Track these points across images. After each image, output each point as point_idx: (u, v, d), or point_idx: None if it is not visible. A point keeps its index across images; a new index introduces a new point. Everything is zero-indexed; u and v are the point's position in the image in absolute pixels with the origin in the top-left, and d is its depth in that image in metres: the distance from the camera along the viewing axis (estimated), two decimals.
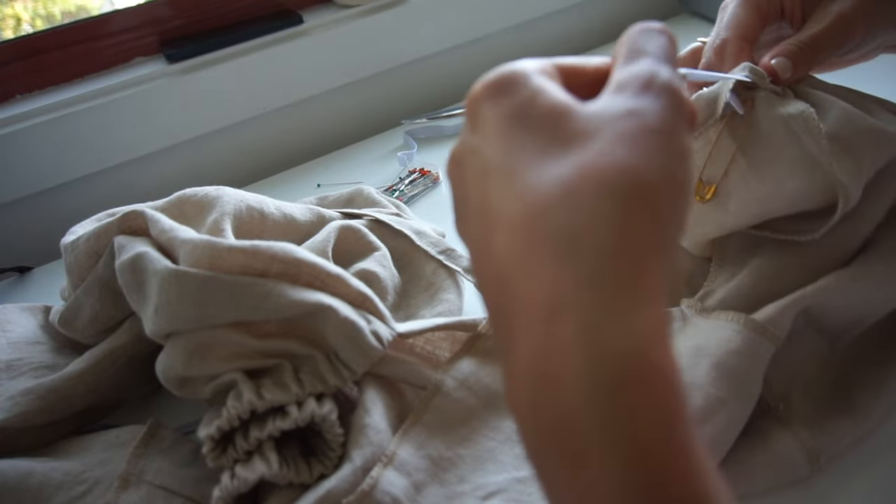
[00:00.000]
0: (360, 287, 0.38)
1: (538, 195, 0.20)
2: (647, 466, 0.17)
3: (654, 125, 0.20)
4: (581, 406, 0.18)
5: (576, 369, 0.18)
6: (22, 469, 0.38)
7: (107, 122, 0.68)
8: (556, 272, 0.19)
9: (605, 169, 0.19)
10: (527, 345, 0.19)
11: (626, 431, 0.17)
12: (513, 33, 0.89)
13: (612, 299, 0.18)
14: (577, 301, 0.18)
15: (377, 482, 0.34)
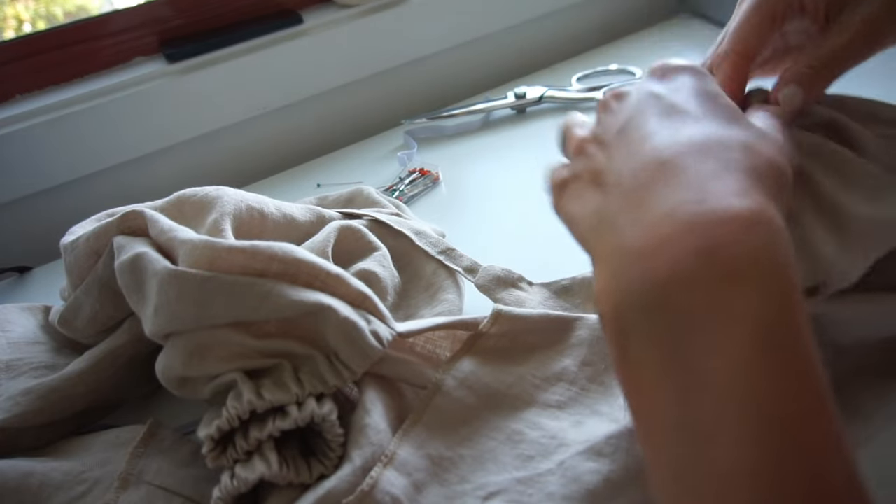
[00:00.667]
0: (359, 287, 0.38)
1: (723, 135, 0.26)
2: (796, 298, 0.22)
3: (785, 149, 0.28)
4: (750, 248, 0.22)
5: (747, 223, 0.23)
6: (22, 469, 0.38)
7: (107, 122, 0.68)
8: (731, 176, 0.24)
9: (773, 155, 0.27)
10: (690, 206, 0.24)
11: (784, 270, 0.23)
12: (513, 33, 0.89)
13: (772, 201, 0.24)
14: (749, 191, 0.24)
15: (377, 482, 0.34)
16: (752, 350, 0.21)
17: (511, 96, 0.78)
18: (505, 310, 0.41)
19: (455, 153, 0.72)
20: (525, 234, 0.58)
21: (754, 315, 0.21)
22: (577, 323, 0.42)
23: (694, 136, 0.26)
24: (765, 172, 0.25)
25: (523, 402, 0.39)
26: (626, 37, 0.90)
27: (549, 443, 0.36)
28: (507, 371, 0.40)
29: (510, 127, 0.76)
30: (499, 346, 0.41)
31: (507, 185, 0.66)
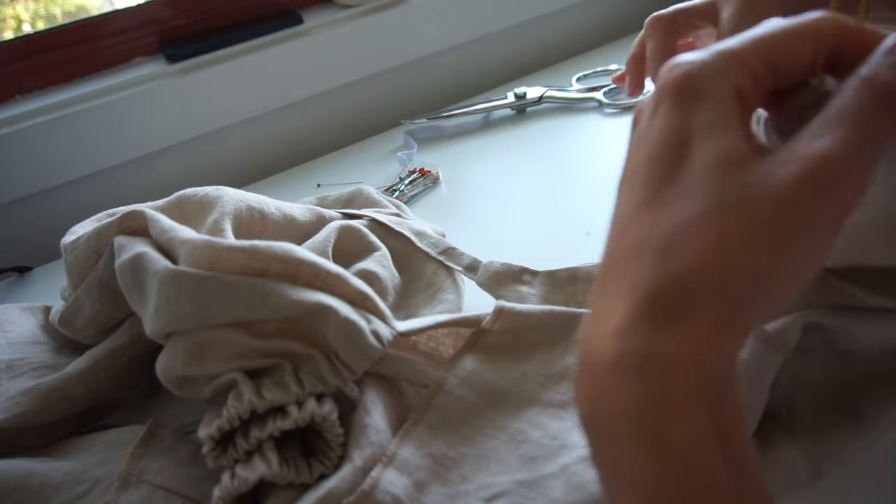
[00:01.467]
0: (360, 286, 0.38)
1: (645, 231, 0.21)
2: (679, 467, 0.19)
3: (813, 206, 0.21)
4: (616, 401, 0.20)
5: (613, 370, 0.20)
6: (22, 469, 0.38)
7: (107, 122, 0.68)
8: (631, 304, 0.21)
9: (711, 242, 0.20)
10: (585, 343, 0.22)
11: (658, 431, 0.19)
12: (513, 33, 0.89)
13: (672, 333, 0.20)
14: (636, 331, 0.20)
15: (377, 482, 0.34)
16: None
17: (511, 96, 0.78)
18: (507, 306, 0.41)
19: (455, 153, 0.72)
20: (525, 233, 0.58)
21: (629, 473, 0.19)
22: (581, 319, 0.41)
23: (619, 239, 0.23)
24: (683, 282, 0.20)
25: (526, 401, 0.38)
26: (626, 37, 0.90)
27: (552, 444, 0.36)
28: (510, 368, 0.40)
29: (510, 127, 0.76)
30: (502, 342, 0.40)
31: (507, 185, 0.66)
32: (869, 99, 0.20)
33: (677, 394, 0.19)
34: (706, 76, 0.22)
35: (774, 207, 0.19)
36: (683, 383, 0.19)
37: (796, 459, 0.34)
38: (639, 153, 0.23)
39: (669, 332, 0.19)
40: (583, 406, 0.21)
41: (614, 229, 0.23)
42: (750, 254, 0.20)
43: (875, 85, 0.20)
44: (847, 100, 0.20)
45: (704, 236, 0.20)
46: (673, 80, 0.22)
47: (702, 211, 0.20)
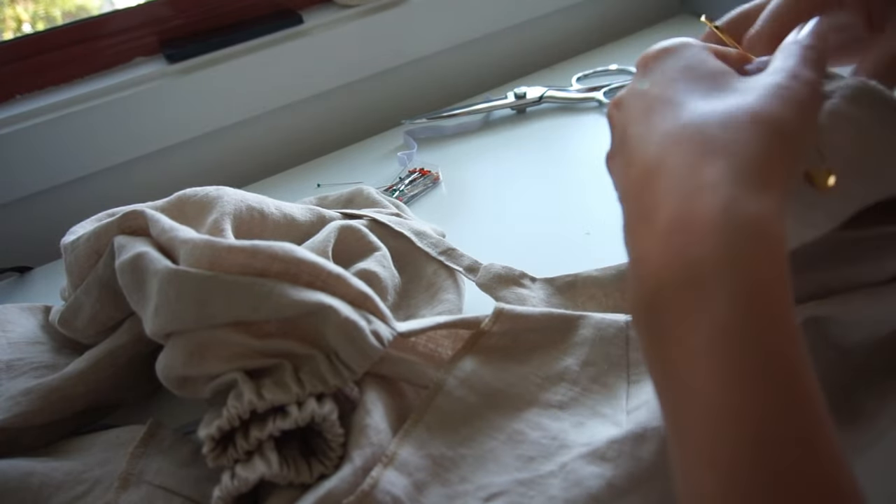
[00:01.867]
0: (360, 287, 0.38)
1: (699, 116, 0.26)
2: (761, 295, 0.21)
3: (799, 98, 0.26)
4: (714, 249, 0.22)
5: (714, 224, 0.22)
6: (22, 469, 0.38)
7: (107, 122, 0.68)
8: (707, 164, 0.24)
9: (761, 111, 0.25)
10: (669, 211, 0.24)
11: (748, 268, 0.22)
12: (513, 33, 0.89)
13: (749, 185, 0.23)
14: (721, 182, 0.23)
15: (377, 482, 0.34)
16: (709, 355, 0.21)
17: (511, 96, 0.78)
18: (507, 308, 0.41)
19: (455, 153, 0.73)
20: (525, 233, 0.58)
21: (711, 321, 0.21)
22: (579, 321, 0.41)
23: (670, 129, 0.26)
24: (747, 141, 0.24)
25: (525, 402, 0.38)
26: (626, 37, 0.90)
27: (550, 444, 0.36)
28: (509, 370, 0.40)
29: (510, 127, 0.76)
30: (500, 344, 0.40)
31: (507, 185, 0.66)
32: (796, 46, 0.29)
33: (766, 241, 0.22)
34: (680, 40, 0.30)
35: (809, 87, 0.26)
36: (770, 232, 0.22)
37: None
38: (658, 86, 0.28)
39: (756, 188, 0.23)
40: (663, 261, 0.23)
41: (648, 137, 0.27)
42: (794, 134, 0.25)
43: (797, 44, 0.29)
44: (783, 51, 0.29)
45: (768, 108, 0.25)
46: (656, 49, 0.30)
47: (745, 104, 0.25)
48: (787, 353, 0.21)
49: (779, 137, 0.25)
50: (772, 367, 0.21)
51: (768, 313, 0.21)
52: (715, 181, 0.23)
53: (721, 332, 0.21)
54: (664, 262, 0.23)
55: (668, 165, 0.25)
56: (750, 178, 0.23)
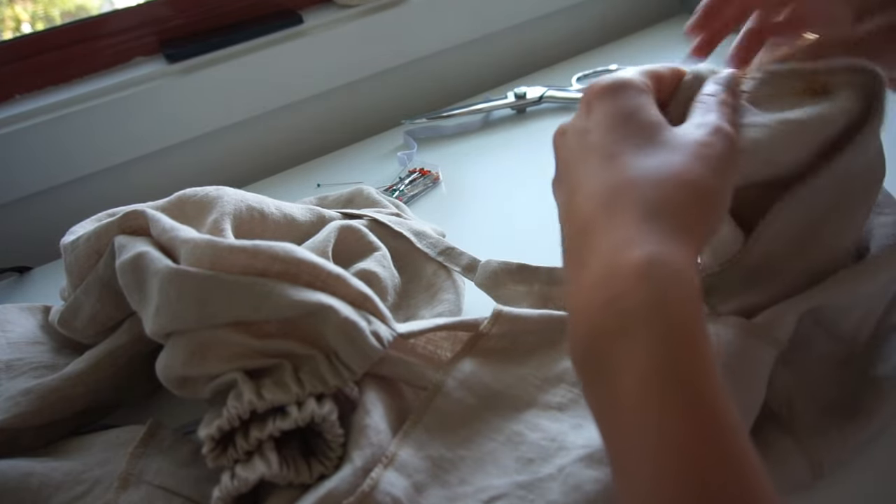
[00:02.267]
0: (360, 287, 0.38)
1: (632, 174, 0.28)
2: (684, 335, 0.24)
3: (720, 155, 0.29)
4: (638, 296, 0.24)
5: (639, 274, 0.25)
6: (22, 469, 0.38)
7: (107, 122, 0.68)
8: (637, 223, 0.26)
9: (686, 173, 0.28)
10: (601, 264, 0.26)
11: (671, 310, 0.24)
12: (513, 33, 0.89)
13: (672, 245, 0.26)
14: (646, 241, 0.25)
15: (377, 483, 0.34)
16: (641, 394, 0.23)
17: (511, 96, 0.78)
18: (505, 310, 0.41)
19: (455, 153, 0.73)
20: (525, 233, 0.58)
21: (641, 364, 0.23)
22: None
23: (605, 184, 0.28)
24: (673, 200, 0.27)
25: (524, 403, 0.38)
26: (626, 37, 0.90)
27: (549, 445, 0.36)
28: (508, 372, 0.40)
29: (510, 127, 0.76)
30: (499, 346, 0.40)
31: (507, 185, 0.66)
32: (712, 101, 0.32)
33: (691, 289, 0.25)
34: (626, 78, 0.31)
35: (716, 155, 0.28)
36: (692, 279, 0.25)
37: (797, 459, 0.34)
38: (583, 141, 0.31)
39: (680, 240, 0.26)
40: (594, 313, 0.25)
41: (581, 187, 0.29)
42: (715, 184, 0.28)
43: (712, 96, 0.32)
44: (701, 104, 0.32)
45: (688, 171, 0.27)
46: (602, 85, 0.31)
47: (675, 159, 0.28)
48: (709, 385, 0.23)
49: (701, 197, 0.28)
50: (698, 400, 0.23)
51: (691, 352, 0.24)
52: (642, 239, 0.26)
53: (652, 373, 0.23)
54: (596, 311, 0.25)
55: (601, 222, 0.27)
56: (674, 233, 0.26)
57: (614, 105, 0.30)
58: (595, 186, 0.29)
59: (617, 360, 0.24)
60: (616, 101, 0.31)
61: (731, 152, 0.30)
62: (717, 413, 0.23)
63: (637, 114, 0.30)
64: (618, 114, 0.30)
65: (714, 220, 0.29)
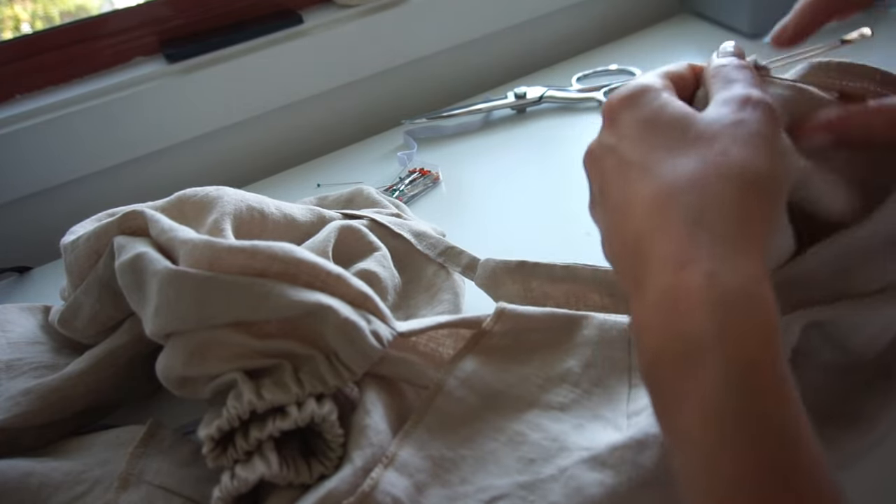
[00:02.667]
0: (360, 287, 0.38)
1: (670, 181, 0.26)
2: (750, 366, 0.22)
3: (758, 130, 0.26)
4: (701, 323, 0.23)
5: (700, 298, 0.23)
6: (22, 469, 0.38)
7: (107, 122, 0.68)
8: (687, 235, 0.24)
9: (725, 163, 0.25)
10: (659, 285, 0.25)
11: (736, 340, 0.23)
12: (513, 33, 0.89)
13: (729, 255, 0.24)
14: (702, 255, 0.24)
15: (377, 483, 0.34)
16: (703, 427, 0.22)
17: (511, 96, 0.78)
18: (508, 307, 0.41)
19: (455, 153, 0.72)
20: (525, 233, 0.58)
21: (703, 394, 0.22)
22: (583, 322, 0.41)
23: (645, 200, 0.27)
24: (718, 201, 0.25)
25: (525, 403, 0.38)
26: (626, 37, 0.90)
27: (551, 445, 0.36)
28: (510, 371, 0.40)
29: (510, 127, 0.76)
30: (502, 344, 0.40)
31: (507, 185, 0.66)
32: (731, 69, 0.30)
33: (755, 311, 0.23)
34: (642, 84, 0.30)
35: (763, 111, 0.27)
36: (757, 300, 0.23)
37: None
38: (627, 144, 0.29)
39: (737, 250, 0.24)
40: (656, 332, 0.24)
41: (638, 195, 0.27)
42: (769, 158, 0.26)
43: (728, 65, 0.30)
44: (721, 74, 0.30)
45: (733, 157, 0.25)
46: (619, 97, 0.30)
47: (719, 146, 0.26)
48: (777, 421, 0.22)
49: (750, 187, 0.25)
50: (762, 437, 0.21)
51: (758, 386, 0.22)
52: (695, 254, 0.24)
53: (713, 406, 0.22)
54: (659, 333, 0.24)
55: (649, 239, 0.26)
56: (729, 243, 0.24)
57: (638, 113, 0.29)
58: (637, 203, 0.27)
59: (680, 385, 0.23)
60: (638, 109, 0.29)
61: (771, 121, 0.27)
62: (786, 449, 0.21)
63: (661, 115, 0.28)
64: (643, 120, 0.29)
65: (772, 209, 0.26)
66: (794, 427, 0.22)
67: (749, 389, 0.22)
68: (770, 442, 0.21)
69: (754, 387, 0.22)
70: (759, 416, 0.22)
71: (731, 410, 0.22)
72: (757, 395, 0.22)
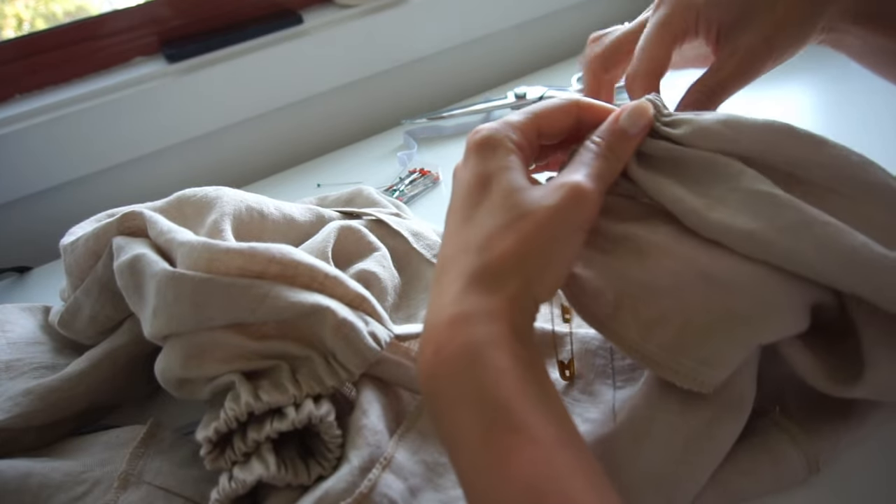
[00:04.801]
0: (357, 288, 0.38)
1: (471, 239, 0.31)
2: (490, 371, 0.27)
3: (563, 219, 0.31)
4: (452, 345, 0.28)
5: (448, 326, 0.29)
6: (22, 469, 0.38)
7: (107, 122, 0.68)
8: (458, 288, 0.30)
9: (515, 243, 0.30)
10: (428, 320, 0.30)
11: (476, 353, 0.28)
12: (513, 33, 0.89)
13: (480, 300, 0.29)
14: (458, 301, 0.29)
15: (375, 484, 0.34)
16: (462, 426, 0.27)
17: (511, 96, 0.78)
18: None
19: (455, 153, 0.72)
20: None
21: (460, 400, 0.27)
22: (564, 339, 0.42)
23: (451, 247, 0.32)
24: (496, 266, 0.29)
25: None
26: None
27: None
28: None
29: None
30: None
31: None
32: (592, 152, 0.33)
33: (495, 334, 0.28)
34: (497, 137, 0.33)
35: (549, 215, 0.30)
36: (499, 328, 0.28)
37: (792, 455, 0.34)
38: (458, 192, 0.33)
39: (489, 297, 0.29)
40: (427, 363, 0.29)
41: (444, 244, 0.32)
42: (536, 245, 0.30)
43: (595, 145, 0.33)
44: (582, 154, 0.33)
45: (507, 237, 0.30)
46: (476, 140, 0.33)
47: (504, 221, 0.30)
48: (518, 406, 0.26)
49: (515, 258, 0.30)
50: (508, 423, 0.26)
51: (495, 381, 0.27)
52: (457, 297, 0.29)
53: (468, 404, 0.27)
54: (428, 360, 0.29)
55: (438, 281, 0.31)
56: (485, 292, 0.29)
57: (479, 167, 0.32)
58: (447, 245, 0.32)
59: (444, 401, 0.28)
60: (481, 164, 0.32)
61: (578, 211, 0.31)
62: (542, 428, 0.26)
63: (496, 179, 0.32)
64: (480, 176, 0.32)
65: (547, 281, 0.31)
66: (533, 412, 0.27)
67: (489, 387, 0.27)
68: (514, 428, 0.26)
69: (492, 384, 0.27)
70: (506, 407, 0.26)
71: (481, 404, 0.27)
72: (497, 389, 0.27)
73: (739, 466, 0.34)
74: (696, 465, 0.32)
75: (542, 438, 0.26)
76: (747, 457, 0.34)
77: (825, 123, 0.66)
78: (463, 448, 0.27)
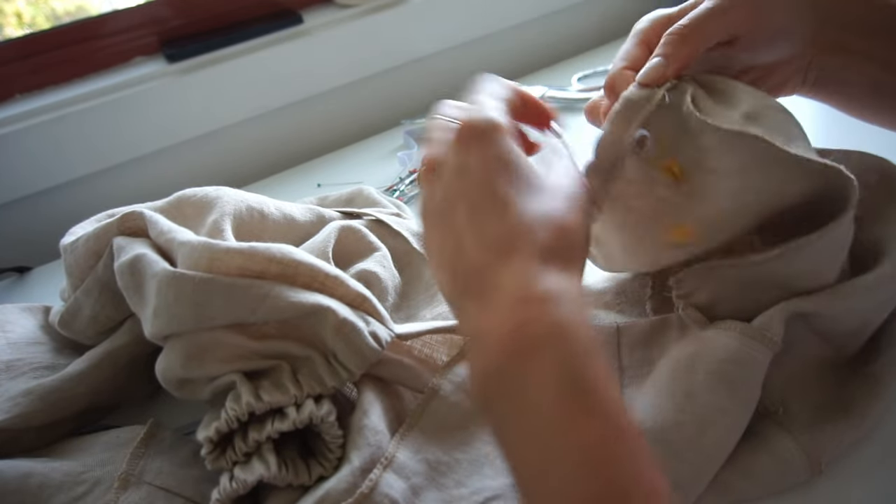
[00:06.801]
0: (358, 288, 0.38)
1: (526, 219, 0.31)
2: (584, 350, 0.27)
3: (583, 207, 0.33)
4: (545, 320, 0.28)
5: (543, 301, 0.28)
6: (22, 469, 0.38)
7: (107, 122, 0.68)
8: (535, 263, 0.29)
9: (565, 220, 0.31)
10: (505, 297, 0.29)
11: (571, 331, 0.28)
12: (513, 33, 0.89)
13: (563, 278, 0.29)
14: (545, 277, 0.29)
15: (376, 484, 0.34)
16: (550, 405, 0.26)
17: None
18: None
19: None
20: None
21: (553, 378, 0.27)
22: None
23: (501, 230, 0.31)
24: (560, 243, 0.30)
25: None
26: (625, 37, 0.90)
27: None
28: None
29: None
30: None
31: None
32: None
33: (579, 312, 0.28)
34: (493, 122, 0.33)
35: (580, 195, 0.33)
36: (579, 306, 0.29)
37: (795, 456, 0.34)
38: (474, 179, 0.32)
39: (568, 275, 0.30)
40: (505, 338, 0.28)
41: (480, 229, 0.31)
42: (585, 222, 0.32)
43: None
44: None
45: (567, 216, 0.31)
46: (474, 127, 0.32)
47: (555, 201, 0.31)
48: (609, 392, 0.27)
49: (577, 240, 0.32)
50: (600, 405, 0.26)
51: (593, 366, 0.27)
52: (542, 274, 0.29)
53: (562, 385, 0.26)
54: (506, 336, 0.28)
55: (502, 262, 0.30)
56: (564, 269, 0.30)
57: (492, 150, 0.32)
58: (491, 231, 0.31)
59: (528, 377, 0.27)
60: (493, 147, 0.32)
61: (589, 202, 0.34)
62: (618, 415, 0.26)
63: (513, 160, 0.32)
64: (498, 158, 0.32)
65: (585, 255, 0.33)
66: (619, 398, 0.27)
67: (587, 370, 0.27)
68: (604, 412, 0.26)
69: (591, 369, 0.27)
70: (598, 390, 0.27)
71: (576, 386, 0.27)
72: (595, 374, 0.27)
73: (741, 467, 0.34)
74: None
75: (614, 417, 0.26)
76: (749, 458, 0.34)
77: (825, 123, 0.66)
78: (534, 418, 0.27)
